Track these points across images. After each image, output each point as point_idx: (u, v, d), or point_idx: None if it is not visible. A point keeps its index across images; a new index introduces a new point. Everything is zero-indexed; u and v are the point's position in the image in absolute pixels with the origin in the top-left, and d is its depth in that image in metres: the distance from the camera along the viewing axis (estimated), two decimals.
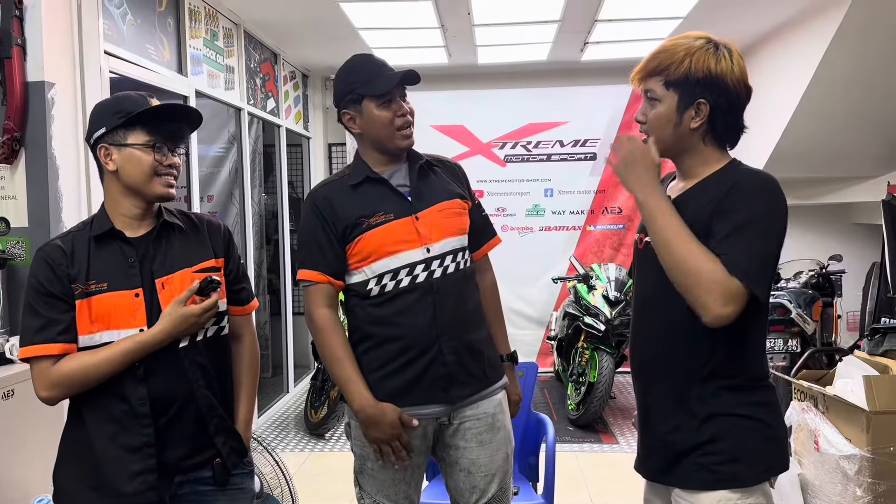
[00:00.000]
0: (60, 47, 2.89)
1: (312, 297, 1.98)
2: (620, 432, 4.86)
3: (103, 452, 1.65)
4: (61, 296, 1.64)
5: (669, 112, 1.59)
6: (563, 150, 6.51)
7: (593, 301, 5.00)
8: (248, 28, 5.06)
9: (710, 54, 1.57)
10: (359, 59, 2.03)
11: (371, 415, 1.91)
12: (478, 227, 2.14)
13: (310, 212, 2.00)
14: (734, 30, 5.38)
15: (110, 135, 1.67)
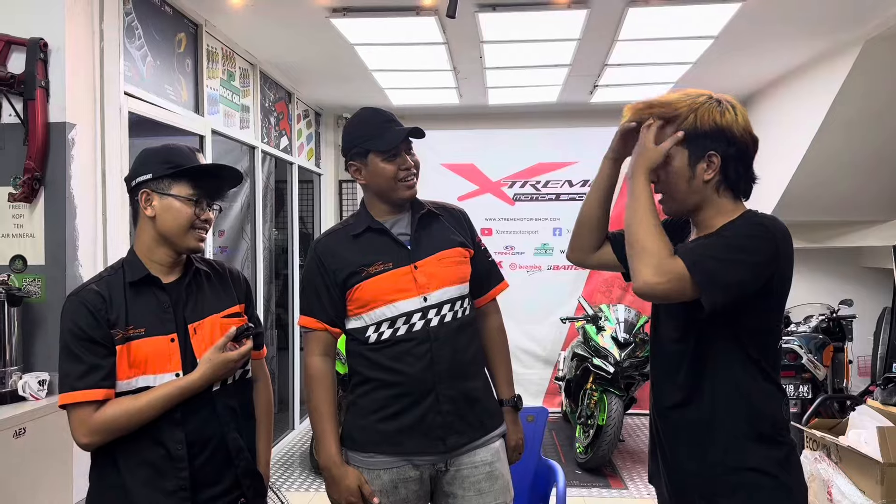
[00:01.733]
0: (83, 89, 2.94)
1: (310, 344, 2.05)
2: (629, 477, 4.80)
3: (138, 497, 1.66)
4: (102, 341, 1.65)
5: (682, 167, 1.62)
6: (572, 189, 6.55)
7: (602, 342, 4.99)
8: (264, 68, 5.15)
9: (713, 108, 1.61)
10: (367, 113, 2.09)
11: (334, 474, 1.97)
12: (482, 273, 2.16)
13: (312, 261, 2.07)
14: (743, 76, 5.45)
15: (155, 182, 1.72)
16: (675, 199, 1.66)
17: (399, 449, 1.97)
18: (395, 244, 2.03)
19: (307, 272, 2.07)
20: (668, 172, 1.64)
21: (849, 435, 2.92)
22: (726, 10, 3.87)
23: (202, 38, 4.14)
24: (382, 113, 2.07)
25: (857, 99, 4.55)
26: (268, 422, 1.95)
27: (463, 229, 2.14)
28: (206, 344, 1.73)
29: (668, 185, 1.65)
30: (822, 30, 4.31)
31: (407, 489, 1.99)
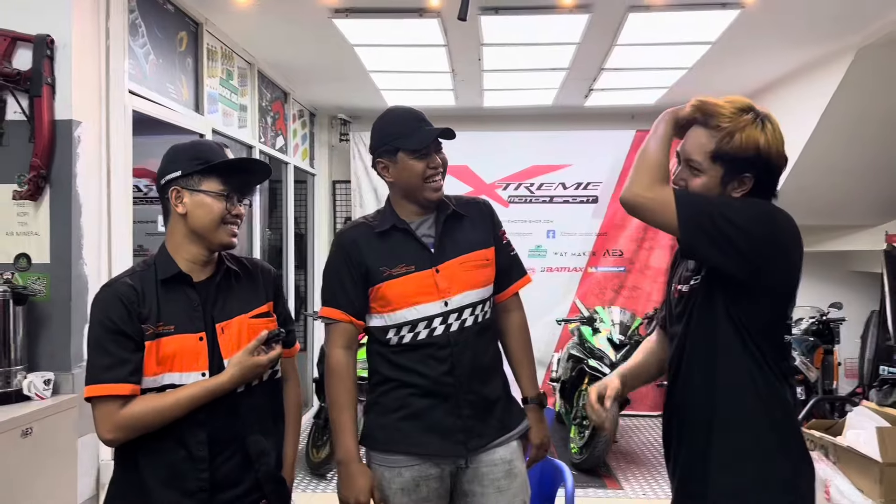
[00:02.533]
0: (88, 86, 2.93)
1: (332, 335, 2.02)
2: (625, 477, 4.84)
3: (157, 497, 1.65)
4: (132, 335, 1.64)
5: (713, 184, 1.63)
6: (566, 192, 6.59)
7: (598, 344, 5.02)
8: (262, 68, 5.14)
9: (757, 130, 1.61)
10: (397, 111, 2.08)
11: (351, 471, 1.94)
12: (504, 268, 2.14)
13: (337, 252, 2.05)
14: (738, 81, 5.51)
15: (184, 179, 1.71)
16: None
17: (420, 449, 1.98)
18: (418, 246, 2.02)
19: (332, 263, 2.05)
20: (699, 185, 1.65)
21: (847, 435, 2.97)
22: (726, 16, 3.92)
23: (203, 37, 4.12)
24: (413, 112, 2.06)
25: (848, 106, 4.62)
26: (295, 423, 1.93)
27: (486, 225, 2.13)
28: (232, 344, 1.72)
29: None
30: (815, 37, 4.38)
31: (428, 487, 2.00)
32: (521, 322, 2.20)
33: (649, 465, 5.13)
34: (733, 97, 1.68)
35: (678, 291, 1.78)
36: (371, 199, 6.64)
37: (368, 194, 6.66)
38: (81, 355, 2.87)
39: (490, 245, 2.11)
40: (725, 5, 3.78)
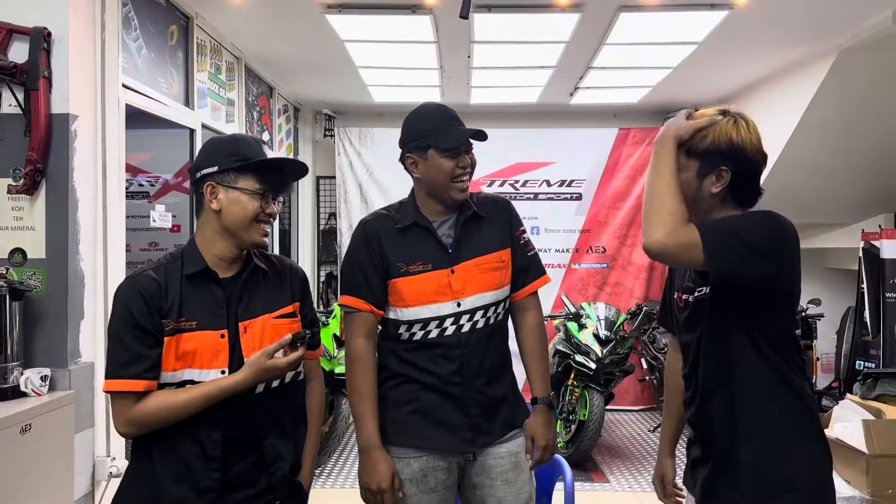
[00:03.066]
0: (84, 80, 2.90)
1: (353, 324, 2.02)
2: (610, 471, 4.91)
3: (167, 492, 1.65)
4: (152, 330, 1.63)
5: (689, 178, 1.70)
6: (550, 189, 6.64)
7: (584, 339, 5.08)
8: (249, 62, 5.11)
9: (730, 125, 1.69)
10: (430, 108, 2.09)
11: (373, 457, 1.96)
12: (520, 267, 2.13)
13: (360, 241, 2.05)
14: (720, 80, 5.60)
15: (221, 174, 1.70)
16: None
17: (428, 444, 2.01)
18: (437, 245, 2.03)
19: (355, 251, 2.05)
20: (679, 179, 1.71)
21: (834, 428, 3.05)
22: (714, 17, 3.98)
23: (193, 31, 4.09)
24: (447, 110, 2.07)
25: (829, 106, 4.73)
26: (317, 424, 1.91)
27: (503, 225, 2.12)
28: (255, 344, 1.70)
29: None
30: (798, 39, 4.47)
31: (436, 478, 2.03)
32: (537, 322, 2.19)
33: (633, 458, 5.21)
34: (712, 108, 1.78)
35: (682, 301, 1.82)
36: (356, 194, 6.64)
37: (353, 190, 6.66)
38: (78, 352, 2.85)
39: (507, 246, 2.11)
40: (715, 6, 3.84)
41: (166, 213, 3.78)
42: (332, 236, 6.91)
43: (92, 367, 2.92)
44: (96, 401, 2.96)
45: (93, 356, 2.94)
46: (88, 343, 2.91)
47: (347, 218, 6.66)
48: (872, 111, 4.74)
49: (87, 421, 2.91)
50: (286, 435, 1.77)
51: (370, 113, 6.78)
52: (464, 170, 2.02)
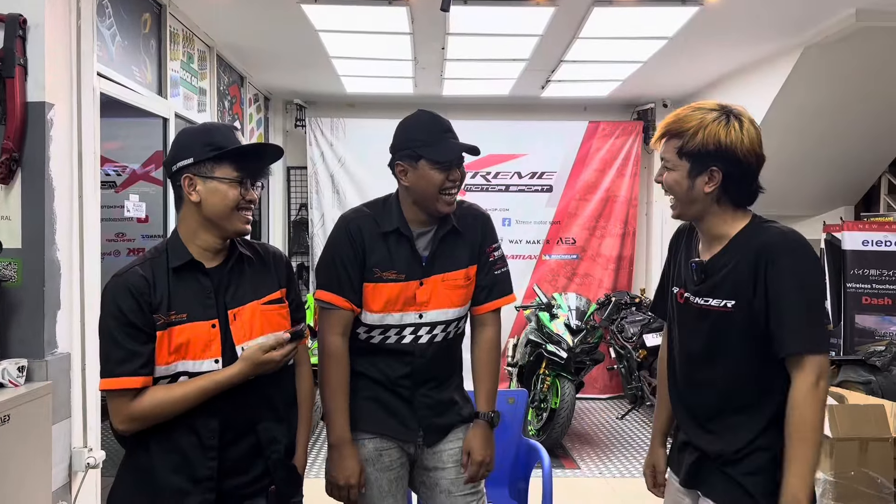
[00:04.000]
0: (60, 68, 2.85)
1: (330, 321, 2.03)
2: (580, 457, 5.01)
3: (164, 482, 1.66)
4: (143, 327, 1.64)
5: (681, 178, 1.75)
6: (521, 181, 6.71)
7: (556, 329, 5.16)
8: (220, 51, 5.07)
9: (721, 126, 1.70)
10: (425, 118, 2.05)
11: (343, 453, 1.99)
12: (484, 284, 2.12)
13: (343, 237, 2.04)
14: (688, 76, 5.72)
15: (197, 166, 1.68)
16: (679, 203, 1.80)
17: (381, 429, 2.08)
18: (413, 256, 2.05)
19: (336, 246, 2.04)
20: (670, 180, 1.77)
21: None
22: (685, 12, 4.07)
23: (166, 19, 4.05)
24: (441, 121, 2.04)
25: (794, 102, 4.86)
26: (308, 408, 1.93)
27: (475, 241, 2.11)
28: (245, 331, 1.72)
29: (671, 190, 1.80)
30: (766, 35, 4.58)
31: (390, 457, 2.09)
32: (492, 338, 2.17)
33: (603, 445, 5.32)
34: (702, 102, 1.80)
35: (684, 298, 1.85)
36: (327, 185, 6.62)
37: (325, 181, 6.64)
38: (55, 342, 2.82)
39: (474, 262, 2.11)
40: (686, 2, 3.92)
41: (140, 202, 3.73)
42: (303, 227, 6.88)
43: (69, 357, 2.89)
44: (73, 391, 2.93)
45: (69, 347, 2.91)
46: (65, 333, 2.88)
47: (319, 209, 6.65)
48: (835, 107, 4.88)
49: (64, 412, 2.89)
50: (280, 418, 1.80)
51: (342, 103, 6.76)
52: (453, 183, 2.00)
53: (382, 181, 7.52)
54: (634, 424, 5.90)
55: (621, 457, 5.04)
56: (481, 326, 2.17)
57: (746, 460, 1.71)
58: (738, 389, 1.74)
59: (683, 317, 1.86)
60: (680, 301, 1.87)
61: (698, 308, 1.79)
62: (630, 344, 5.81)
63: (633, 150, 6.66)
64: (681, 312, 1.87)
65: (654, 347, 5.54)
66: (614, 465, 4.85)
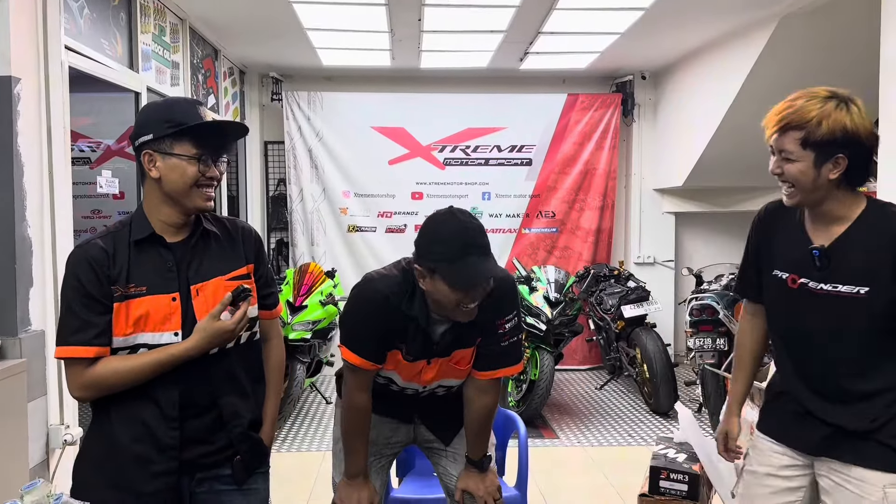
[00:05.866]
0: (26, 42, 2.80)
1: (356, 379, 2.09)
2: (559, 427, 5.08)
3: (127, 451, 1.67)
4: (100, 298, 1.64)
5: (807, 169, 1.74)
6: (501, 154, 6.70)
7: (535, 302, 5.20)
8: (193, 24, 4.98)
9: (843, 113, 1.72)
10: (450, 229, 1.91)
11: (358, 483, 2.15)
12: (486, 353, 2.09)
13: (375, 309, 2.01)
14: (665, 47, 5.71)
15: (156, 142, 1.66)
16: (800, 192, 1.78)
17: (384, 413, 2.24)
18: (427, 342, 2.04)
19: (368, 317, 2.01)
20: (794, 171, 1.76)
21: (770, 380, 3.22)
22: None
23: None
24: (464, 235, 1.89)
25: (770, 72, 4.87)
26: (277, 382, 1.94)
27: (487, 320, 2.03)
28: (208, 306, 1.71)
29: (794, 180, 1.77)
30: (741, 5, 4.57)
31: (391, 420, 2.26)
32: (490, 407, 2.16)
33: (581, 415, 5.39)
34: (811, 90, 1.78)
35: (798, 284, 1.85)
36: (305, 160, 6.57)
37: (303, 155, 6.58)
38: (28, 320, 2.81)
39: (476, 342, 2.09)
40: None
41: (113, 178, 3.69)
42: (281, 202, 6.84)
43: (43, 335, 2.88)
44: (48, 369, 2.92)
45: (43, 324, 2.89)
46: (38, 311, 2.87)
47: (297, 184, 6.60)
48: (813, 77, 4.80)
49: (40, 389, 2.88)
50: (244, 394, 1.80)
51: (319, 76, 6.69)
52: (473, 300, 1.92)
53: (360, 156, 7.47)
54: (613, 394, 5.98)
55: (599, 426, 5.12)
56: (479, 392, 2.15)
57: (890, 425, 1.75)
58: (869, 365, 1.79)
59: (797, 302, 1.86)
60: (792, 286, 1.86)
61: (823, 294, 1.81)
62: (609, 315, 5.87)
63: (612, 122, 6.66)
64: (793, 297, 1.87)
65: (631, 318, 5.61)
66: (592, 435, 4.92)
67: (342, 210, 6.63)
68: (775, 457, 1.94)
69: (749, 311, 2.09)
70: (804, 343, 1.88)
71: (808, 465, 1.90)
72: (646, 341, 5.37)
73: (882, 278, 1.74)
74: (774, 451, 1.95)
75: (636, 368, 5.56)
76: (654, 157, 6.80)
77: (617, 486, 3.97)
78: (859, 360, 1.81)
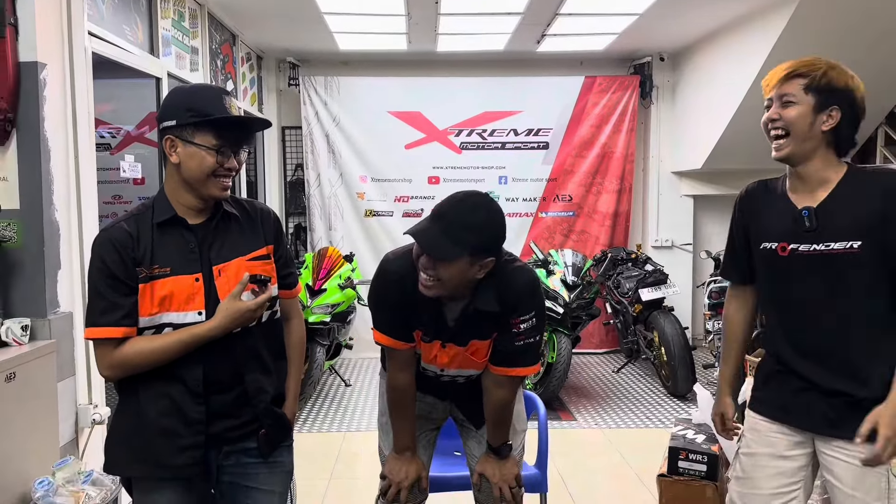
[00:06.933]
0: (50, 27, 2.83)
1: (394, 359, 2.15)
2: (577, 410, 5.10)
3: (154, 426, 1.72)
4: (125, 279, 1.68)
5: (805, 112, 1.82)
6: (517, 138, 6.68)
7: (552, 285, 5.21)
8: (211, 9, 5.01)
9: (846, 73, 1.85)
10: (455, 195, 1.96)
11: (406, 457, 2.22)
12: (500, 350, 2.09)
13: (391, 287, 2.05)
14: (686, 26, 5.65)
15: (178, 129, 1.70)
16: (793, 141, 1.82)
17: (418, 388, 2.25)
18: (438, 322, 2.06)
19: (384, 294, 2.07)
20: (793, 114, 1.82)
21: None
22: None
23: None
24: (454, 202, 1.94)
25: (791, 52, 4.72)
26: (298, 359, 1.98)
27: (504, 314, 2.02)
28: (230, 286, 1.75)
29: (791, 124, 1.83)
30: None
31: (428, 396, 2.30)
32: (505, 400, 2.15)
33: (599, 398, 5.41)
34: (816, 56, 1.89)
35: (788, 251, 1.86)
36: (323, 145, 6.60)
37: (320, 140, 6.61)
38: (57, 301, 2.86)
39: (492, 336, 2.09)
40: None
41: (136, 163, 3.74)
42: (299, 187, 6.88)
43: (71, 316, 2.93)
44: (76, 350, 2.98)
45: (71, 306, 2.95)
46: (66, 293, 2.92)
47: (315, 169, 6.64)
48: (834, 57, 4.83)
49: (69, 370, 2.94)
50: (267, 370, 1.84)
51: (335, 61, 6.70)
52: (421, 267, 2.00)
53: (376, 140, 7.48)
54: (630, 378, 5.99)
55: (617, 409, 5.14)
56: (494, 385, 2.14)
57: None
58: (873, 327, 1.80)
59: (789, 269, 1.88)
60: (782, 254, 1.88)
61: (816, 255, 1.82)
62: (626, 299, 5.87)
63: (629, 104, 6.62)
64: (784, 266, 1.88)
65: (649, 302, 5.60)
66: (610, 417, 4.94)
67: (359, 195, 6.66)
68: (775, 437, 1.94)
69: (733, 294, 2.11)
70: (800, 312, 1.88)
71: (808, 442, 1.90)
72: (664, 324, 5.37)
73: (874, 231, 1.77)
74: (773, 432, 1.94)
75: (654, 352, 5.56)
76: (672, 140, 6.76)
77: (635, 468, 4.00)
78: (857, 323, 1.81)
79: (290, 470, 1.96)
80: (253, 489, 1.85)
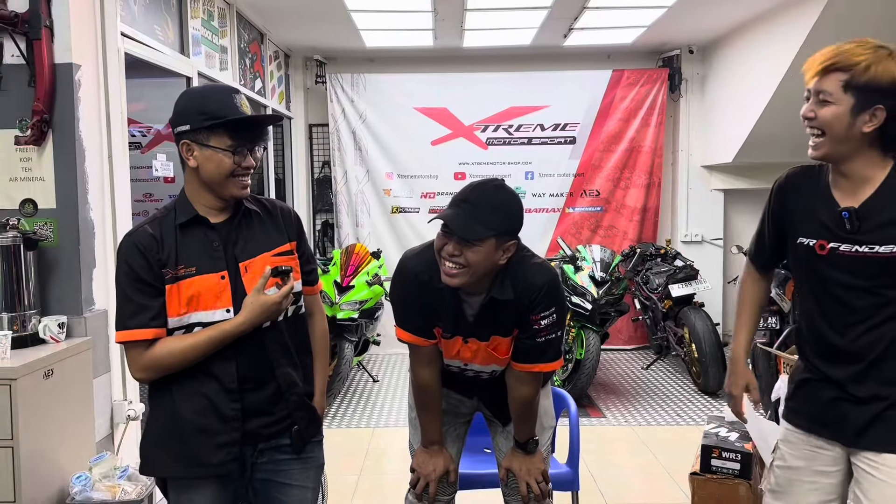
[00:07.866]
0: (85, 28, 2.88)
1: (417, 356, 2.17)
2: (606, 406, 5.08)
3: (191, 424, 1.74)
4: (152, 282, 1.70)
5: (843, 114, 1.65)
6: (544, 133, 6.65)
7: (580, 281, 5.18)
8: (239, 8, 5.05)
9: (893, 63, 1.63)
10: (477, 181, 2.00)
11: (434, 450, 2.25)
12: (521, 347, 2.08)
13: (409, 284, 2.07)
14: (716, 17, 5.57)
15: (193, 133, 1.71)
16: (830, 141, 1.69)
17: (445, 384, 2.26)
18: (457, 317, 2.06)
19: (403, 291, 2.10)
20: (829, 115, 1.67)
21: None
22: None
23: None
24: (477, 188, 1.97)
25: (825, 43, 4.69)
26: (323, 354, 2.00)
27: (523, 311, 2.02)
28: (257, 282, 1.76)
29: (826, 125, 1.68)
30: None
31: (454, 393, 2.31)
32: (529, 397, 2.15)
33: (628, 394, 5.38)
34: (862, 38, 1.69)
35: (827, 250, 1.76)
36: (349, 142, 6.62)
37: (347, 137, 6.63)
38: (92, 299, 2.91)
39: (513, 332, 2.08)
40: None
41: (168, 161, 3.78)
42: (326, 185, 6.91)
43: (105, 314, 2.98)
44: (111, 346, 3.03)
45: (106, 304, 2.99)
46: (101, 291, 2.97)
47: (342, 166, 6.66)
48: None
49: (104, 366, 2.99)
50: (295, 365, 1.86)
51: (362, 58, 6.72)
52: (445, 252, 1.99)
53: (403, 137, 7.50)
54: (659, 374, 5.94)
55: (647, 405, 5.10)
56: (517, 382, 2.14)
57: None
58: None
59: (827, 268, 1.77)
60: (821, 253, 1.77)
61: (858, 257, 1.72)
62: (655, 295, 5.82)
63: (658, 98, 6.55)
64: (822, 264, 1.78)
65: (679, 298, 5.55)
66: (640, 414, 4.91)
67: (386, 191, 6.67)
68: (810, 450, 1.85)
69: (751, 276, 2.03)
70: (838, 314, 1.78)
71: (843, 456, 1.81)
72: (694, 321, 5.31)
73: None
74: (809, 445, 1.85)
75: (684, 348, 5.51)
76: (702, 134, 6.67)
77: (666, 465, 3.97)
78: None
79: (322, 465, 1.99)
80: (286, 485, 1.87)
